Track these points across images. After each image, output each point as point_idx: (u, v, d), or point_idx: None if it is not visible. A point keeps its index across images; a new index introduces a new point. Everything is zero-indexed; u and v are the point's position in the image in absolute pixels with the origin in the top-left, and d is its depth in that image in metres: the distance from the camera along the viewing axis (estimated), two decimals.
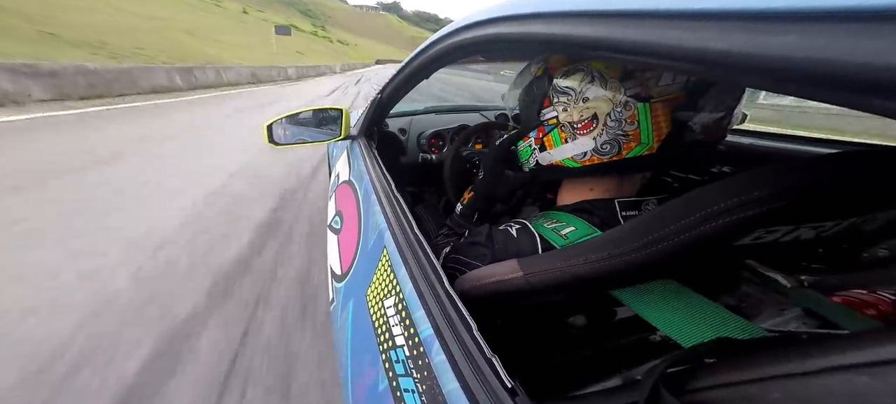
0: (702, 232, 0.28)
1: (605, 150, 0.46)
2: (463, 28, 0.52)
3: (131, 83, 6.06)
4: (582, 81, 0.46)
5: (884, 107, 0.15)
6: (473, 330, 0.34)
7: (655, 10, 0.24)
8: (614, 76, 0.43)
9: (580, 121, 0.47)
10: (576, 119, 0.47)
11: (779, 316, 0.48)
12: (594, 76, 0.45)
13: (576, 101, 0.46)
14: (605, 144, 0.45)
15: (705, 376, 0.25)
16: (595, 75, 0.45)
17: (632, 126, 0.43)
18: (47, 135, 3.24)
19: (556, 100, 0.49)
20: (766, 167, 0.27)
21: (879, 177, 0.27)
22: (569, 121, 0.48)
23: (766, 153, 0.88)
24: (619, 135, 0.44)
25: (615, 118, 0.44)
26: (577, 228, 0.44)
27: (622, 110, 0.43)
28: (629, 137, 0.44)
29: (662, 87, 0.41)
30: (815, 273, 0.49)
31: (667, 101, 0.42)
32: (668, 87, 0.41)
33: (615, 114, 0.44)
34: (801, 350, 0.21)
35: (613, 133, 0.44)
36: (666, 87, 0.41)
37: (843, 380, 0.18)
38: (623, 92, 0.43)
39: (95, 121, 3.98)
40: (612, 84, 0.43)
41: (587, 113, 0.46)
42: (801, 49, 0.16)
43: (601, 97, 0.44)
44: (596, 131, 0.45)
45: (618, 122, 0.44)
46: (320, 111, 1.04)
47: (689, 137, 0.43)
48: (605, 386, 0.45)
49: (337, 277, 0.78)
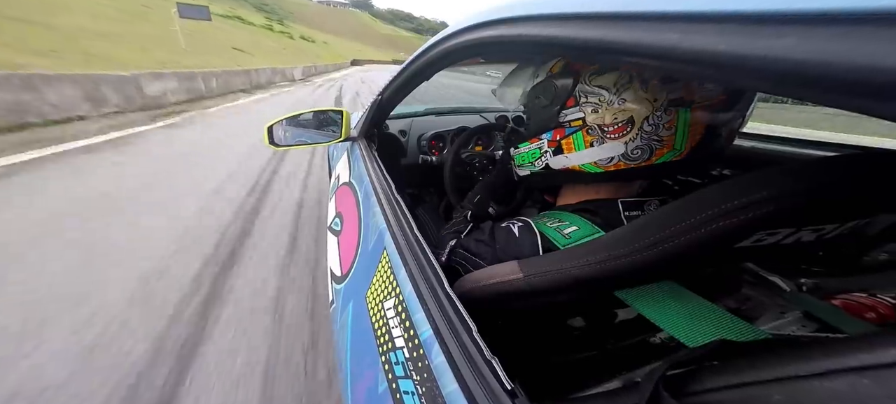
0: (703, 234, 0.28)
1: (635, 156, 0.43)
2: (463, 30, 0.52)
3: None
4: (617, 82, 0.42)
5: (881, 110, 0.15)
6: (473, 332, 0.34)
7: (653, 12, 0.24)
8: (656, 76, 0.40)
9: (613, 124, 0.43)
10: (608, 121, 0.43)
11: (779, 318, 0.48)
12: (632, 77, 0.41)
13: (610, 102, 0.43)
14: (636, 150, 0.43)
15: (706, 378, 0.25)
16: (633, 76, 0.41)
17: (668, 131, 0.41)
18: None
19: (583, 100, 0.45)
20: (767, 170, 0.27)
21: (881, 181, 0.27)
22: (599, 123, 0.44)
23: (767, 156, 0.88)
24: (653, 141, 0.42)
25: (653, 123, 0.41)
26: (580, 228, 0.44)
27: (662, 115, 0.40)
28: (663, 143, 0.42)
29: (707, 90, 0.39)
30: (815, 276, 0.49)
31: (708, 105, 0.40)
32: (710, 91, 0.39)
33: (654, 118, 0.41)
34: (802, 352, 0.21)
35: (648, 138, 0.42)
36: (709, 92, 0.39)
37: (844, 383, 0.18)
38: (665, 95, 0.40)
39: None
40: (653, 86, 0.40)
41: (622, 116, 0.42)
42: (800, 51, 0.16)
43: (641, 99, 0.41)
44: (629, 135, 0.42)
45: (655, 127, 0.41)
46: (321, 112, 1.04)
47: (717, 144, 0.42)
48: (605, 388, 0.45)
49: (337, 279, 0.77)
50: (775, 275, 0.50)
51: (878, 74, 0.14)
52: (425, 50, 0.65)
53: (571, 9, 0.32)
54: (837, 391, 0.18)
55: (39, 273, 1.44)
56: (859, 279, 0.48)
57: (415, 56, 0.71)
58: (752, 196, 0.26)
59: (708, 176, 0.89)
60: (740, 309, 0.52)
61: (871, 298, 0.44)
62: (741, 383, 0.22)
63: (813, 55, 0.16)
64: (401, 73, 0.80)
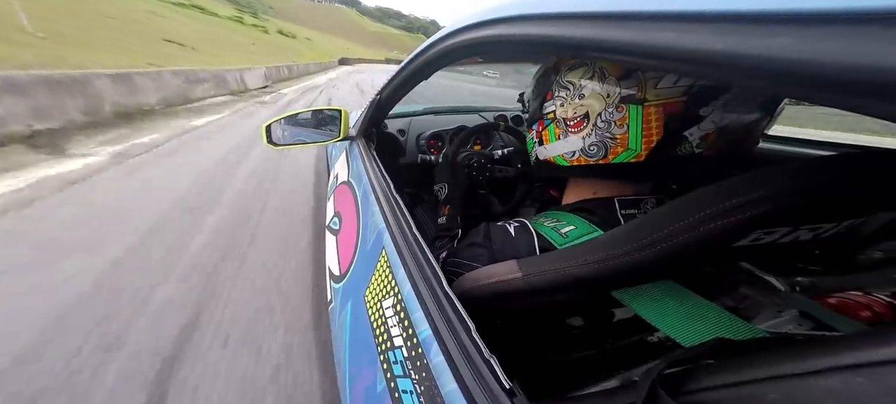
0: (701, 233, 0.28)
1: (592, 152, 0.44)
2: (462, 30, 0.52)
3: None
4: (583, 77, 0.43)
5: (874, 109, 0.15)
6: (472, 331, 0.34)
7: (648, 12, 0.24)
8: (614, 73, 0.41)
9: (573, 118, 0.45)
10: (570, 115, 0.45)
11: (776, 317, 0.48)
12: (595, 72, 0.42)
13: (573, 96, 0.45)
14: (592, 146, 0.44)
15: (702, 377, 0.25)
16: (596, 71, 0.42)
17: (621, 129, 0.41)
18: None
19: (556, 93, 0.47)
20: (765, 169, 0.27)
21: (877, 180, 0.27)
22: (563, 117, 0.46)
23: (765, 155, 0.89)
24: (606, 138, 0.42)
25: (605, 119, 0.42)
26: (577, 227, 0.44)
27: (613, 111, 0.41)
28: (616, 141, 0.42)
29: (661, 89, 0.38)
30: (812, 274, 0.49)
31: (663, 105, 0.39)
32: (666, 90, 0.38)
33: (606, 114, 0.42)
34: (797, 351, 0.21)
35: (601, 135, 0.43)
36: (664, 91, 0.38)
37: (839, 381, 0.18)
38: (618, 91, 0.40)
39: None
40: (609, 81, 0.41)
41: (580, 110, 0.44)
42: (794, 51, 0.17)
43: (596, 95, 0.42)
44: (585, 131, 0.44)
45: (607, 124, 0.42)
46: (319, 112, 1.04)
47: (683, 150, 0.40)
48: (603, 387, 0.45)
49: (335, 278, 0.77)
50: (771, 275, 0.50)
51: (872, 74, 0.14)
52: (424, 49, 0.65)
53: (568, 8, 0.32)
54: (832, 389, 0.18)
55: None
56: (855, 277, 0.48)
57: (413, 55, 0.71)
58: (749, 195, 0.26)
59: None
60: (738, 308, 0.53)
61: (866, 296, 0.44)
62: (737, 381, 0.23)
63: (807, 54, 0.16)
64: (399, 73, 0.80)
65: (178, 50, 8.62)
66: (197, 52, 9.30)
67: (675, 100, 0.38)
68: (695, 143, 0.40)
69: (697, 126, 0.39)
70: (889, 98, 0.14)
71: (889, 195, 0.29)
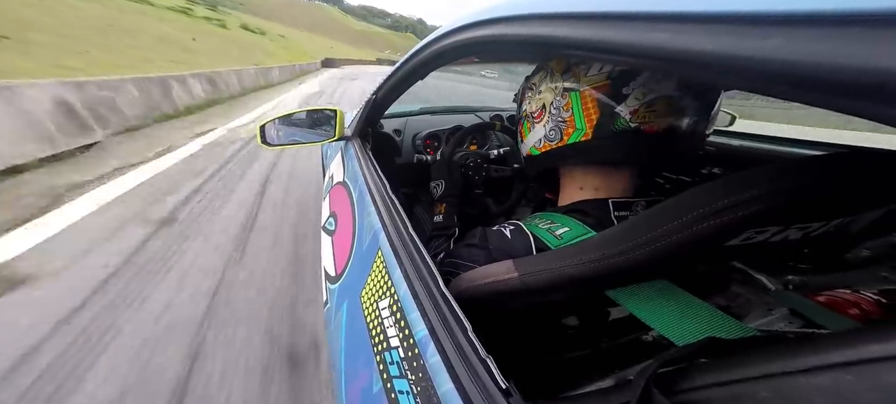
0: (693, 232, 0.28)
1: (552, 136, 0.51)
2: (458, 29, 0.52)
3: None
4: (541, 77, 0.52)
5: (866, 110, 0.16)
6: (468, 331, 0.34)
7: (641, 12, 0.24)
8: (559, 70, 0.49)
9: (535, 111, 0.53)
10: (533, 109, 0.54)
11: (767, 315, 0.49)
12: (547, 71, 0.51)
13: (534, 94, 0.53)
14: (551, 131, 0.51)
15: (696, 376, 0.25)
16: (548, 71, 0.51)
17: (567, 113, 0.48)
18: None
19: (526, 94, 0.56)
20: (756, 169, 0.27)
21: (867, 179, 0.28)
22: (530, 112, 0.55)
23: (756, 155, 0.90)
24: (559, 123, 0.50)
25: (556, 107, 0.49)
26: (571, 229, 0.45)
27: (560, 99, 0.49)
28: (567, 124, 0.49)
29: (589, 77, 0.46)
30: (802, 273, 0.50)
31: (594, 88, 0.46)
32: (593, 76, 0.46)
33: (556, 102, 0.49)
34: (788, 349, 0.21)
35: (555, 120, 0.50)
36: (592, 77, 0.46)
37: (828, 379, 0.18)
38: (562, 84, 0.48)
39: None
40: (555, 77, 0.50)
41: (538, 104, 0.52)
42: (786, 52, 0.17)
43: (548, 88, 0.50)
44: (544, 119, 0.52)
45: (558, 111, 0.49)
46: (314, 111, 1.03)
47: (619, 125, 0.46)
48: (598, 386, 0.45)
49: (331, 279, 0.77)
50: (762, 274, 0.51)
51: (864, 75, 0.15)
52: (420, 49, 0.65)
53: (563, 9, 0.32)
54: (822, 386, 0.18)
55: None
56: (843, 276, 0.49)
57: (409, 55, 0.71)
58: (741, 195, 0.26)
59: (699, 175, 0.90)
60: (730, 307, 0.53)
61: (854, 294, 0.45)
62: (729, 380, 0.23)
63: (799, 56, 0.16)
64: (395, 73, 0.79)
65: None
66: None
67: (602, 83, 0.45)
68: (628, 118, 0.45)
69: (624, 103, 0.45)
70: (879, 100, 0.15)
71: (875, 193, 0.30)
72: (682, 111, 0.45)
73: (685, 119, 0.45)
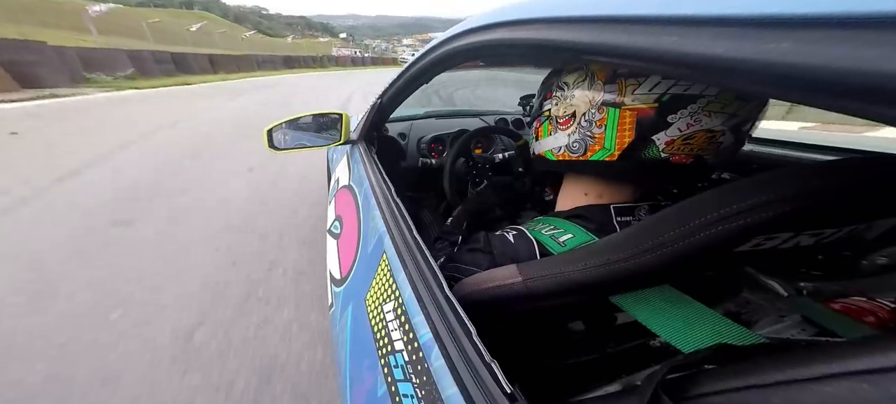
0: (701, 238, 0.28)
1: (574, 148, 0.48)
2: (464, 33, 0.52)
3: None
4: (577, 79, 0.47)
5: (878, 114, 0.15)
6: (473, 335, 0.34)
7: (650, 16, 0.24)
8: (601, 78, 0.44)
9: (563, 116, 0.49)
10: (560, 113, 0.49)
11: (778, 322, 0.48)
12: (587, 76, 0.46)
13: (565, 97, 0.48)
14: (575, 143, 0.48)
15: (705, 382, 0.25)
16: (588, 75, 0.46)
17: (599, 129, 0.45)
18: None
19: (555, 93, 0.51)
20: (766, 174, 0.27)
21: (880, 186, 0.27)
22: (556, 115, 0.50)
23: (766, 159, 0.89)
24: (587, 136, 0.46)
25: (588, 119, 0.45)
26: (574, 235, 0.45)
27: (595, 112, 0.45)
28: (595, 140, 0.46)
29: (637, 95, 0.41)
30: (814, 280, 0.49)
31: (636, 111, 0.42)
32: (642, 96, 0.41)
33: (589, 115, 0.45)
34: (801, 357, 0.21)
35: (583, 133, 0.46)
36: (639, 96, 0.41)
37: (844, 388, 0.18)
38: (602, 95, 0.44)
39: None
40: (596, 85, 0.44)
41: (569, 110, 0.48)
42: (797, 55, 0.17)
43: (583, 96, 0.46)
44: (571, 128, 0.48)
45: (589, 123, 0.46)
46: (320, 115, 1.04)
47: (650, 154, 0.43)
48: (605, 391, 0.44)
49: (336, 282, 0.77)
50: (774, 280, 0.50)
51: (876, 79, 0.14)
52: (426, 53, 0.65)
53: (571, 12, 0.32)
54: (837, 395, 0.18)
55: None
56: (858, 283, 0.48)
57: (415, 59, 0.71)
58: (750, 201, 0.26)
59: (708, 179, 0.89)
60: (740, 314, 0.52)
61: (870, 302, 0.44)
62: (740, 387, 0.22)
63: (810, 59, 0.16)
64: (400, 77, 0.80)
65: None
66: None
67: (648, 106, 0.41)
68: (661, 148, 0.42)
69: (665, 132, 0.42)
70: (891, 103, 0.14)
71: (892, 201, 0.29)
72: (718, 145, 0.42)
73: (715, 152, 0.43)
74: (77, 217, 2.15)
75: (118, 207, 2.31)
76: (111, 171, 3.00)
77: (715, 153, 0.43)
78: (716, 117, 0.40)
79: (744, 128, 0.42)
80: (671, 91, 0.40)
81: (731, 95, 0.39)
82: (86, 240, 1.89)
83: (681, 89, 0.39)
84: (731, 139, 0.42)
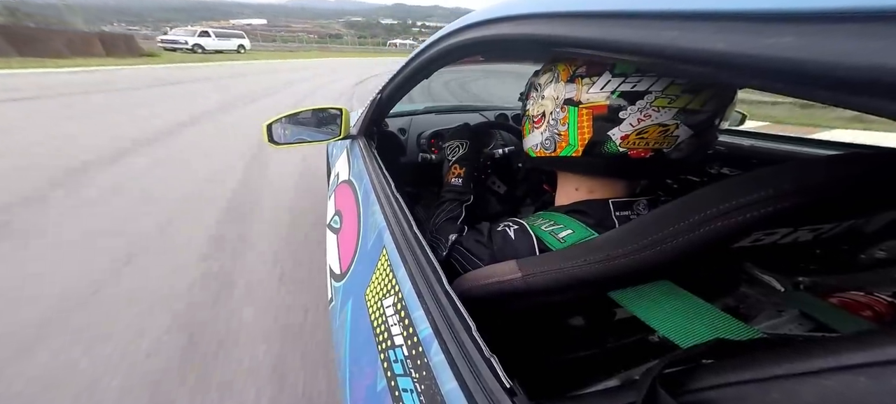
0: (700, 234, 0.28)
1: (547, 146, 0.50)
2: (464, 28, 0.52)
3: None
4: (547, 79, 0.49)
5: (881, 108, 0.15)
6: (472, 330, 0.34)
7: (650, 11, 0.24)
8: (563, 78, 0.46)
9: (537, 115, 0.51)
10: (534, 113, 0.52)
11: (776, 317, 0.48)
12: (553, 76, 0.48)
13: (538, 96, 0.51)
14: (547, 140, 0.50)
15: (703, 376, 0.25)
16: (555, 75, 0.48)
17: (564, 127, 0.47)
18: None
19: (532, 93, 0.54)
20: (765, 169, 0.27)
21: (878, 180, 0.27)
22: (531, 114, 0.53)
23: (766, 154, 0.89)
24: (555, 134, 0.49)
25: (555, 117, 0.48)
26: (574, 231, 0.45)
27: (559, 111, 0.47)
28: (561, 137, 0.48)
29: (591, 93, 0.43)
30: (812, 274, 0.49)
31: (591, 108, 0.44)
32: (595, 94, 0.43)
33: (555, 113, 0.48)
34: (799, 351, 0.21)
35: (552, 131, 0.49)
36: (593, 95, 0.43)
37: (841, 381, 0.18)
38: (563, 94, 0.46)
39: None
40: (558, 86, 0.46)
41: (541, 109, 0.50)
42: (798, 50, 0.16)
43: (550, 96, 0.48)
44: (542, 126, 0.50)
45: (556, 122, 0.48)
46: (320, 110, 1.03)
47: (609, 148, 0.44)
48: (604, 386, 0.45)
49: (336, 277, 0.77)
50: (771, 274, 0.50)
51: (878, 73, 0.14)
52: (425, 48, 0.65)
53: (571, 7, 0.32)
54: (835, 389, 0.18)
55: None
56: (856, 277, 0.48)
57: (414, 54, 0.71)
58: (750, 196, 0.26)
59: (707, 174, 0.89)
60: (738, 308, 0.53)
61: (867, 296, 0.44)
62: (738, 381, 0.22)
63: (812, 54, 0.16)
64: (400, 72, 0.79)
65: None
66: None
67: (601, 103, 0.43)
68: (618, 143, 0.44)
69: (618, 127, 0.43)
70: (894, 97, 0.14)
71: (890, 195, 0.29)
72: (674, 139, 0.43)
73: (674, 146, 0.43)
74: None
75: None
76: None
77: (673, 147, 0.43)
78: (665, 112, 0.41)
79: (702, 121, 0.42)
80: (620, 88, 0.41)
81: (679, 89, 0.39)
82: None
83: (629, 86, 0.41)
84: (687, 132, 0.42)
